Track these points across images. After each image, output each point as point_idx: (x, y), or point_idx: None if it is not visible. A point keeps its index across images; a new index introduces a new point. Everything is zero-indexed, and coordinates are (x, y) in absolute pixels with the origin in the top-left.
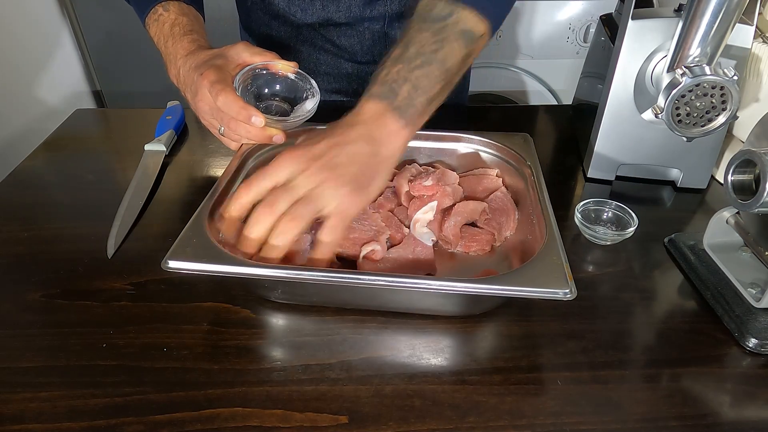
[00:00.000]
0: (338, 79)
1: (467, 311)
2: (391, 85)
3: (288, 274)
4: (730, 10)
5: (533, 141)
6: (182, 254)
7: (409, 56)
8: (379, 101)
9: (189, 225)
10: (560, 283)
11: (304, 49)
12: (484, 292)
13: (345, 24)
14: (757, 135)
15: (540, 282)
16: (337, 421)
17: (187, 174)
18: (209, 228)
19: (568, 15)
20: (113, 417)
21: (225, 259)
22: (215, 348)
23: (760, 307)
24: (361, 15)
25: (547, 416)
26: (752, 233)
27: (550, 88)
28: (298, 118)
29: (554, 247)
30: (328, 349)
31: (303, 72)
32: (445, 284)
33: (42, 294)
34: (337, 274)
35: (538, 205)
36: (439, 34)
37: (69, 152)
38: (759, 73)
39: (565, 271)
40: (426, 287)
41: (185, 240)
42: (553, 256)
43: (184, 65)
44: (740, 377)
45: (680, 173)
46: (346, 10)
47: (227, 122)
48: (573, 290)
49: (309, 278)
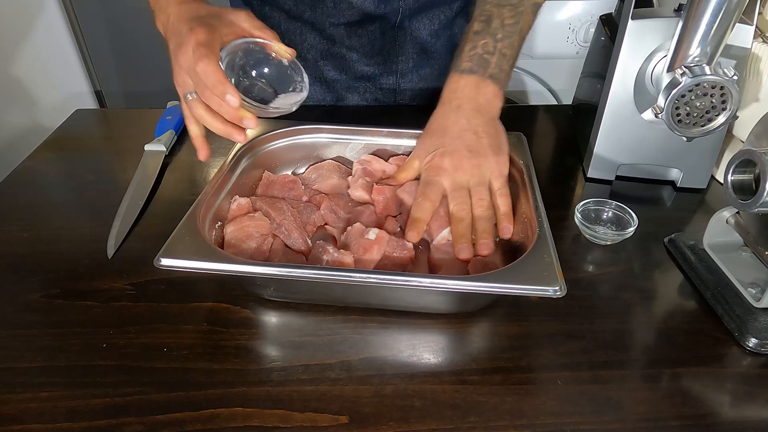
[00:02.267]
0: (348, 79)
1: (459, 308)
2: (482, 57)
3: (279, 272)
4: (730, 10)
5: (527, 140)
6: (175, 252)
7: (493, 30)
8: (472, 74)
9: (182, 223)
10: (551, 280)
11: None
12: (474, 289)
13: (356, 23)
14: (757, 135)
15: (531, 279)
16: (337, 421)
17: (187, 174)
18: (202, 226)
19: (568, 15)
20: (113, 417)
21: (218, 257)
22: (215, 348)
23: (760, 307)
24: (375, 11)
25: (547, 416)
26: (752, 233)
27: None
28: (278, 110)
29: (545, 245)
30: (328, 349)
31: (298, 63)
32: (436, 282)
33: (42, 294)
34: (324, 271)
35: (530, 204)
36: (517, 8)
37: (69, 152)
38: (759, 73)
39: (556, 268)
40: (417, 284)
41: (178, 238)
42: (543, 254)
43: (177, 12)
44: (740, 377)
45: (680, 173)
46: (359, 7)
47: (201, 89)
48: (563, 288)
49: (298, 275)
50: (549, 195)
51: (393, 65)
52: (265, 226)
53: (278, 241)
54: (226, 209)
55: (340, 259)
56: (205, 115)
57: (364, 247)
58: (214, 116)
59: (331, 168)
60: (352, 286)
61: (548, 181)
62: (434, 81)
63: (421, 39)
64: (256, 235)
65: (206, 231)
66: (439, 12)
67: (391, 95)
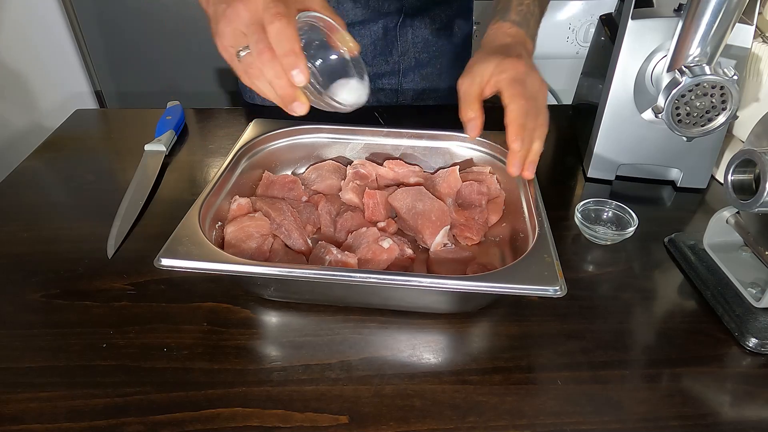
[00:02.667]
0: None
1: (459, 308)
2: (525, 16)
3: (279, 272)
4: (730, 10)
5: None
6: (175, 252)
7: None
8: (519, 28)
9: (182, 224)
10: (551, 280)
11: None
12: (475, 289)
13: (359, 23)
14: (757, 135)
15: (531, 279)
16: (337, 421)
17: (187, 174)
18: (202, 226)
19: (568, 15)
20: (113, 417)
21: (218, 257)
22: (215, 348)
23: (760, 307)
24: (378, 10)
25: (547, 416)
26: (752, 233)
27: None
28: (337, 105)
29: (545, 244)
30: (328, 349)
31: (362, 60)
32: (438, 282)
33: (42, 294)
34: (325, 271)
35: (530, 203)
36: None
37: (69, 152)
38: (759, 72)
39: (556, 268)
40: (419, 285)
41: (178, 238)
42: (544, 253)
43: None
44: (740, 377)
45: (680, 173)
46: (363, 6)
47: (262, 51)
48: (563, 287)
49: (299, 276)
50: (549, 195)
51: (395, 65)
52: (265, 226)
53: (278, 241)
54: (226, 209)
55: (344, 260)
56: (267, 76)
57: (374, 252)
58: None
59: (330, 168)
60: (353, 286)
61: (548, 181)
62: (436, 80)
63: (422, 39)
64: (257, 236)
65: (206, 231)
66: (440, 12)
67: (392, 95)
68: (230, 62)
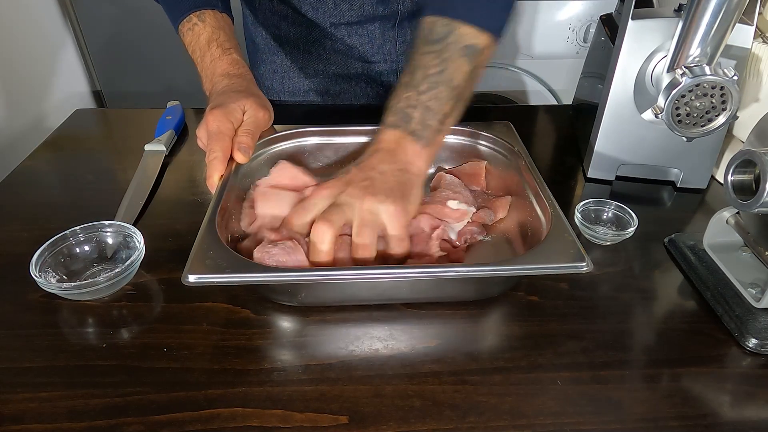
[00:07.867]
0: (347, 79)
1: (483, 294)
2: (405, 111)
3: (314, 277)
4: (730, 10)
5: (527, 140)
6: (202, 267)
7: (416, 81)
8: (395, 129)
9: (200, 236)
10: (578, 257)
11: (314, 50)
12: (507, 273)
13: (356, 23)
14: (757, 135)
15: (559, 258)
16: (337, 421)
17: (187, 174)
18: (221, 236)
19: (568, 15)
20: (113, 417)
21: (249, 268)
22: (215, 348)
23: (760, 307)
24: (373, 13)
25: (547, 416)
26: (752, 233)
27: (550, 88)
28: None
29: (561, 224)
30: (328, 349)
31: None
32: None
33: (42, 294)
34: (365, 271)
35: (535, 188)
36: (442, 55)
37: (69, 152)
38: (759, 73)
39: (578, 245)
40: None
41: (201, 252)
42: (564, 233)
43: (218, 84)
44: (740, 377)
45: (680, 173)
46: (359, 9)
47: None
48: (590, 263)
49: (338, 278)
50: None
51: (393, 64)
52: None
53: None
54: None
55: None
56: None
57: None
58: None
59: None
60: (383, 282)
61: (548, 181)
62: None
63: None
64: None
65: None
66: None
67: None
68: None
